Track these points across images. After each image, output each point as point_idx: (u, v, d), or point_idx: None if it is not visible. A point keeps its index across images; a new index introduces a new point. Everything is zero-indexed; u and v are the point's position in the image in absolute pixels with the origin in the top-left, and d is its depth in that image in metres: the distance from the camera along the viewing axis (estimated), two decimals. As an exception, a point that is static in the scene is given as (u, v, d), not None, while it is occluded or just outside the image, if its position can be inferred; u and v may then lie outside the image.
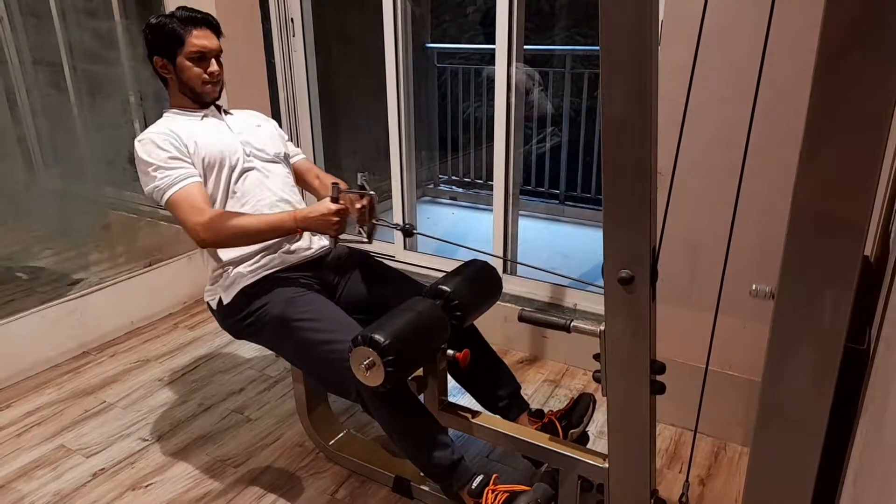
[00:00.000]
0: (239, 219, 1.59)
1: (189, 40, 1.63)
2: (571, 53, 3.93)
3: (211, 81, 1.69)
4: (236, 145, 1.72)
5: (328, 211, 1.54)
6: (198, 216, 1.56)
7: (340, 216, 1.55)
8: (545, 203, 4.10)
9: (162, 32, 1.64)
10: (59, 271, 3.06)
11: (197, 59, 1.66)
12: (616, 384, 1.23)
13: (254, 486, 1.78)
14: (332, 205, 1.54)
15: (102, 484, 1.80)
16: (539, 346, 2.40)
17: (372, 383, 1.39)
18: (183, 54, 1.64)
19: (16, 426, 2.07)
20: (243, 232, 1.58)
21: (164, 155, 1.60)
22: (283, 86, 2.93)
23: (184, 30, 1.63)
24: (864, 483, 0.79)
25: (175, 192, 1.58)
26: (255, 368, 2.39)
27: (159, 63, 1.68)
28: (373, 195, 1.63)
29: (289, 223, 1.57)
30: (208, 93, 1.71)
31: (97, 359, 2.49)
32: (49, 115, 3.73)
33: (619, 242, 1.09)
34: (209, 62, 1.68)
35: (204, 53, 1.66)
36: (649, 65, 0.96)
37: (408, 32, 2.54)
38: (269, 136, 1.82)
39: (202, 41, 1.65)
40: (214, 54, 1.69)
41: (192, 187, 1.60)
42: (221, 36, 1.71)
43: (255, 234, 1.60)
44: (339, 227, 1.56)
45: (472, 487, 1.46)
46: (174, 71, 1.67)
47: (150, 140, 1.62)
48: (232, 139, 1.73)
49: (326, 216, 1.54)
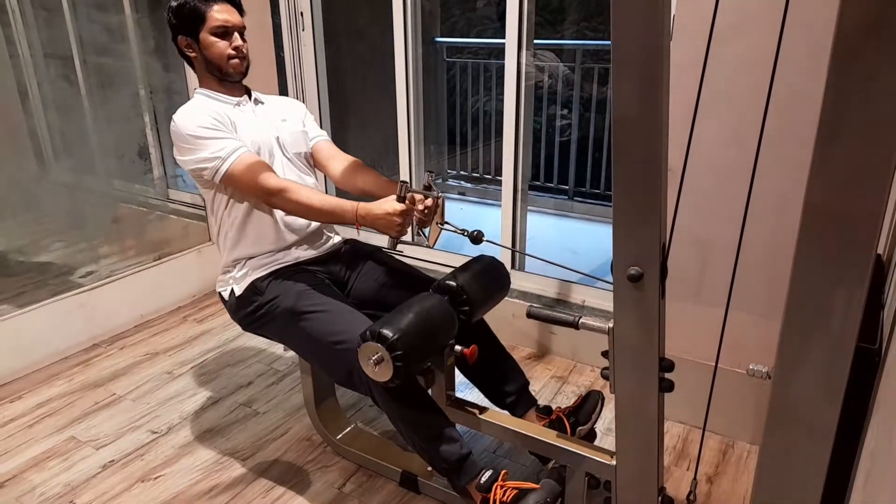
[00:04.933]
0: (310, 192, 1.58)
1: (211, 15, 1.62)
2: (581, 48, 3.91)
3: (237, 56, 1.66)
4: (272, 140, 1.72)
5: (393, 211, 1.47)
6: (270, 181, 1.56)
7: (404, 217, 1.49)
8: (554, 199, 4.08)
9: (183, 11, 1.62)
10: (70, 264, 3.08)
11: (221, 33, 1.63)
12: (624, 382, 1.22)
13: (262, 479, 1.79)
14: (398, 205, 1.48)
15: (112, 475, 1.82)
16: (547, 342, 2.39)
17: (381, 379, 1.39)
18: (206, 30, 1.62)
19: (27, 417, 2.10)
20: (308, 206, 1.56)
21: (210, 127, 1.57)
22: (292, 80, 2.93)
23: (205, 5, 1.62)
24: (875, 483, 0.79)
25: (234, 161, 1.56)
26: (264, 362, 2.40)
27: (184, 43, 1.66)
28: (440, 196, 1.55)
29: (350, 215, 1.53)
30: (235, 67, 1.67)
31: (107, 351, 2.51)
32: (60, 108, 3.74)
33: (628, 239, 1.09)
34: (233, 37, 1.65)
35: (227, 28, 1.64)
36: (661, 60, 0.95)
37: (417, 26, 2.54)
38: (290, 133, 1.78)
39: (224, 15, 1.63)
40: (238, 29, 1.66)
41: (249, 155, 1.59)
42: (244, 13, 1.70)
43: (317, 212, 1.57)
44: (401, 229, 1.50)
45: (480, 482, 1.47)
46: (199, 49, 1.65)
47: (191, 114, 1.59)
48: (267, 132, 1.72)
49: (391, 216, 1.47)
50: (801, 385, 0.88)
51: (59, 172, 3.81)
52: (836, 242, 0.80)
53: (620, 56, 0.97)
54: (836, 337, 0.84)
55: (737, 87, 1.58)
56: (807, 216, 0.81)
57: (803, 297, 0.84)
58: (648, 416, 1.23)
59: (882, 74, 0.72)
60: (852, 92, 0.74)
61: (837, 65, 0.74)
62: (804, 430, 0.89)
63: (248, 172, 1.57)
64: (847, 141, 0.76)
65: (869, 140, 0.75)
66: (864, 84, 0.73)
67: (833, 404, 0.86)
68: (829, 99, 0.75)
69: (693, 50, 1.32)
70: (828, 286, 0.82)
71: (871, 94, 0.73)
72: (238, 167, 1.57)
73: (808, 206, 0.80)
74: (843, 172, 0.78)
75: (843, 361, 0.84)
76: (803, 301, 0.84)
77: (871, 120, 0.74)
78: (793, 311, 0.85)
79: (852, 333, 0.83)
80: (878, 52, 0.72)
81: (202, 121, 1.58)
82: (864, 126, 0.75)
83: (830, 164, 0.78)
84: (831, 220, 0.80)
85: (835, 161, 0.77)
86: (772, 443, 0.93)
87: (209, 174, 1.58)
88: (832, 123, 0.76)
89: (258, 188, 1.57)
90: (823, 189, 0.79)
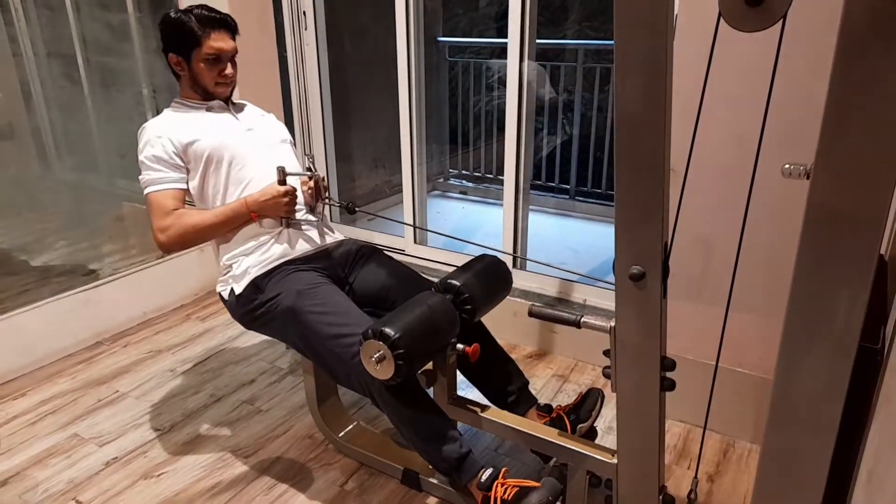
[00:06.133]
0: (192, 216, 1.65)
1: (206, 43, 1.65)
2: (583, 48, 3.91)
3: (224, 83, 1.73)
4: (240, 135, 1.75)
5: (277, 193, 1.64)
6: (159, 220, 1.64)
7: (289, 197, 1.65)
8: (555, 198, 4.08)
9: (179, 31, 1.65)
10: (73, 262, 3.09)
11: (212, 60, 1.67)
12: (626, 380, 1.23)
13: (264, 476, 1.80)
14: (280, 187, 1.64)
15: (115, 472, 1.83)
16: (548, 341, 2.40)
17: (382, 377, 1.40)
18: (198, 55, 1.67)
19: (30, 415, 2.10)
20: (197, 228, 1.64)
21: (151, 154, 1.66)
22: (294, 79, 2.94)
23: (202, 31, 1.64)
24: (879, 482, 0.79)
25: (151, 191, 1.66)
26: (266, 360, 2.41)
27: (174, 60, 1.70)
28: (318, 175, 1.75)
29: (242, 210, 1.65)
30: (220, 93, 1.75)
31: (110, 349, 2.51)
32: (63, 106, 3.75)
33: (630, 239, 1.09)
34: (224, 64, 1.70)
35: (220, 56, 1.68)
36: (664, 60, 0.95)
37: (420, 26, 2.54)
38: (271, 124, 1.87)
39: (219, 44, 1.66)
40: (230, 56, 1.71)
41: (167, 192, 1.66)
42: (237, 35, 1.72)
43: (210, 228, 1.66)
44: (289, 208, 1.66)
45: (480, 481, 1.47)
46: (188, 69, 1.70)
47: (146, 135, 1.68)
48: (236, 129, 1.76)
49: (276, 198, 1.64)
50: (803, 384, 0.88)
51: (63, 171, 3.82)
52: (839, 242, 0.80)
53: (623, 55, 0.97)
54: (839, 336, 0.84)
55: (739, 87, 1.58)
56: (810, 216, 0.81)
57: (806, 297, 0.84)
58: (649, 414, 1.23)
59: (887, 74, 0.72)
60: (856, 91, 0.74)
61: (841, 64, 0.74)
62: (806, 429, 0.89)
63: (152, 206, 1.66)
64: (851, 140, 0.76)
65: (873, 140, 0.75)
66: (868, 83, 0.73)
67: (835, 403, 0.87)
68: (833, 98, 0.75)
69: (696, 49, 1.32)
70: (830, 286, 0.82)
71: (875, 93, 0.73)
72: (150, 201, 1.66)
73: (811, 206, 0.81)
74: (847, 172, 0.78)
75: (845, 361, 0.85)
76: (806, 300, 0.84)
77: (875, 120, 0.74)
78: (795, 310, 0.85)
79: (855, 333, 0.83)
80: (882, 51, 0.72)
81: (152, 150, 1.67)
82: (868, 126, 0.75)
83: (834, 163, 0.78)
84: (834, 219, 0.80)
85: (838, 160, 0.78)
86: (773, 441, 0.93)
87: None
88: (836, 123, 0.76)
89: (154, 225, 1.65)
90: (827, 188, 0.79)
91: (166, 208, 1.65)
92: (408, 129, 2.64)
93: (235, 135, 1.74)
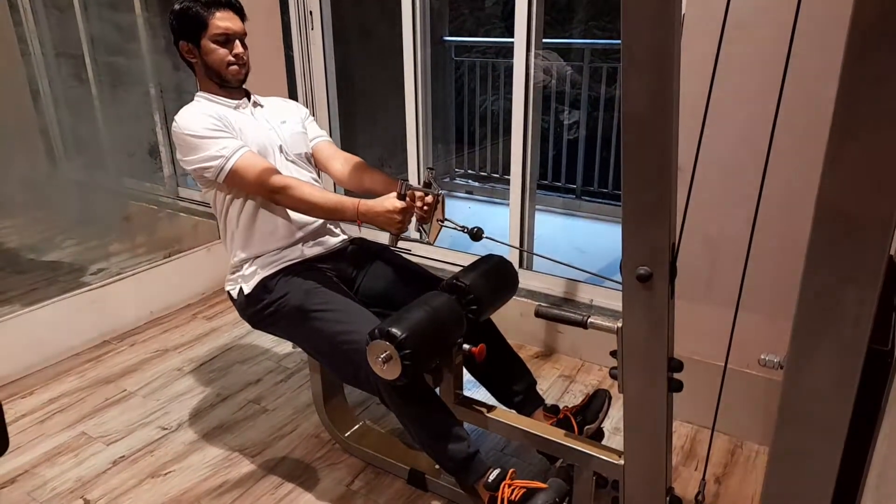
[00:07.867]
0: (312, 189, 1.59)
1: (212, 22, 1.63)
2: (590, 47, 3.90)
3: (236, 63, 1.68)
4: (273, 142, 1.73)
5: (393, 208, 1.49)
6: (274, 178, 1.58)
7: (404, 214, 1.51)
8: (562, 198, 4.07)
9: (186, 16, 1.64)
10: (81, 261, 3.11)
11: (221, 41, 1.65)
12: (633, 381, 1.22)
13: (270, 475, 1.80)
14: (398, 202, 1.50)
15: (123, 471, 1.84)
16: (554, 342, 2.39)
17: (389, 377, 1.40)
18: (207, 37, 1.64)
19: (39, 413, 2.12)
20: (311, 203, 1.58)
21: (212, 128, 1.60)
22: (301, 78, 2.94)
23: (207, 12, 1.63)
24: (889, 486, 0.78)
25: (237, 159, 1.59)
26: (273, 359, 2.41)
27: (185, 48, 1.67)
28: (440, 194, 1.57)
29: (350, 212, 1.55)
30: (233, 74, 1.68)
31: (118, 348, 2.53)
32: (71, 106, 3.78)
33: (637, 239, 1.08)
34: (234, 44, 1.66)
35: (228, 35, 1.65)
36: (671, 59, 0.95)
37: (426, 25, 2.54)
38: (290, 134, 1.80)
39: (226, 23, 1.64)
40: (239, 36, 1.67)
41: (251, 154, 1.61)
42: (246, 19, 1.71)
43: (320, 209, 1.59)
44: (401, 226, 1.52)
45: (487, 481, 1.47)
46: (199, 55, 1.66)
47: (192, 115, 1.62)
48: (267, 134, 1.73)
49: (391, 213, 1.50)
50: (812, 386, 0.87)
51: (70, 170, 3.85)
52: (849, 243, 0.80)
53: (631, 55, 0.96)
54: (848, 338, 0.83)
55: (748, 86, 1.57)
56: (819, 216, 0.80)
57: (815, 298, 0.84)
58: (657, 415, 1.22)
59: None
60: (866, 90, 0.73)
61: (851, 62, 0.73)
62: (815, 430, 0.89)
63: (251, 170, 1.59)
64: (860, 140, 0.75)
65: (883, 139, 0.74)
66: (878, 82, 0.72)
67: (844, 405, 0.86)
68: (843, 97, 0.75)
69: (703, 48, 1.31)
70: (840, 287, 0.82)
71: (885, 92, 0.72)
72: (241, 165, 1.59)
73: (820, 206, 0.80)
74: (857, 171, 0.77)
75: (854, 363, 0.84)
76: (815, 302, 0.84)
77: (885, 118, 0.73)
78: (804, 311, 0.85)
79: (864, 334, 0.82)
80: (893, 50, 0.71)
81: (204, 121, 1.60)
82: (877, 125, 0.74)
83: (843, 163, 0.77)
84: (844, 220, 0.79)
85: (848, 160, 0.77)
86: (782, 443, 0.92)
87: (212, 173, 1.60)
88: (845, 122, 0.75)
89: (261, 185, 1.59)
90: (836, 188, 0.78)
91: (269, 167, 1.60)
92: (414, 129, 2.64)
93: (272, 141, 1.72)
